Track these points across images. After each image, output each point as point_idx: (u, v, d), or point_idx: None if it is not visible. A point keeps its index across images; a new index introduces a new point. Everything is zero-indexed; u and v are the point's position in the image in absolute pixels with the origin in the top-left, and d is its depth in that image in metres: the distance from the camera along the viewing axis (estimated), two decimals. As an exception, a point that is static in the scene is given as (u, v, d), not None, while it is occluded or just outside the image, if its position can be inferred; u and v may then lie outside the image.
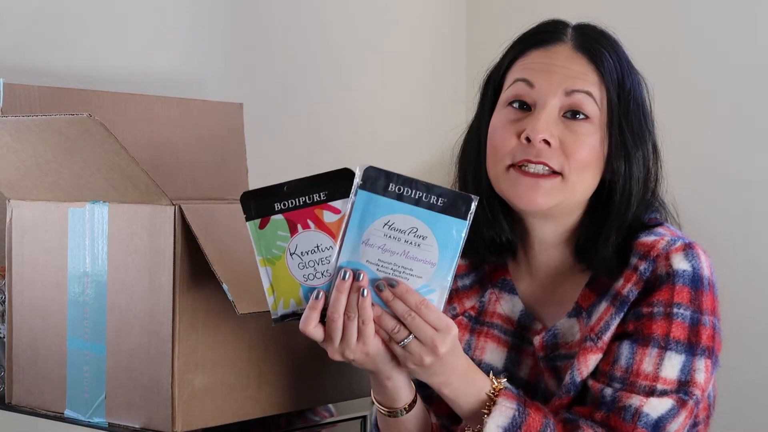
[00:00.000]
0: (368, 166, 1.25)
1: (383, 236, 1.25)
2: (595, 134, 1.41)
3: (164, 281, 1.49)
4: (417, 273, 1.25)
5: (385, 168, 1.25)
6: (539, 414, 1.34)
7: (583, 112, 1.41)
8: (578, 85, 1.41)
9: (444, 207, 1.25)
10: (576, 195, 1.42)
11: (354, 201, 1.25)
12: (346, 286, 1.25)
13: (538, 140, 1.38)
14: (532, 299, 1.50)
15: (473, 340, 1.50)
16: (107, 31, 2.13)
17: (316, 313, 1.27)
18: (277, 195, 1.26)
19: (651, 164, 1.45)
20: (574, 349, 1.41)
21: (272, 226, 1.27)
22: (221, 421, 1.54)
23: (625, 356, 1.37)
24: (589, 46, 1.43)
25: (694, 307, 1.37)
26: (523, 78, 1.43)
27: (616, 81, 1.42)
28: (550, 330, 1.44)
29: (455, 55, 2.92)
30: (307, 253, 1.26)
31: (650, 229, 1.43)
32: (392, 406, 1.39)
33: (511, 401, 1.33)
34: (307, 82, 2.52)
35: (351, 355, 1.28)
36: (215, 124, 1.89)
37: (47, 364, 1.64)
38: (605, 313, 1.40)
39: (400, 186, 1.25)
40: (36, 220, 1.65)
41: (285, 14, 2.47)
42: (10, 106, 1.65)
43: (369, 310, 1.26)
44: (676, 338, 1.36)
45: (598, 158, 1.42)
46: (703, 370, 1.36)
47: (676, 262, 1.37)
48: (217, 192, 1.84)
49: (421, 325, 1.26)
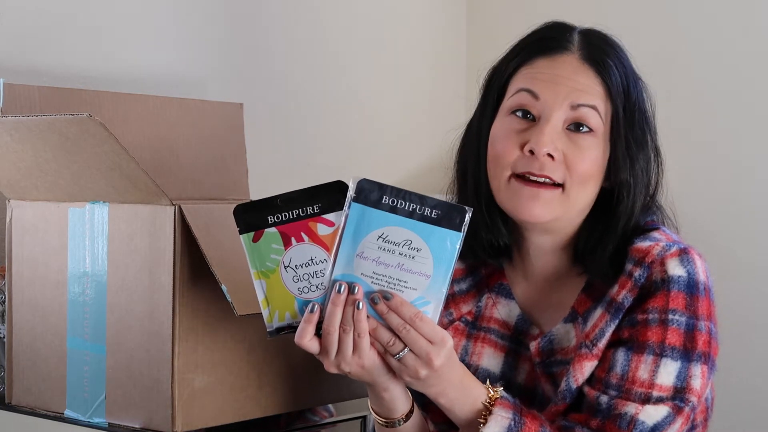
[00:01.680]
0: (361, 178, 1.24)
1: (377, 249, 1.24)
2: (597, 147, 1.40)
3: (164, 281, 1.49)
4: (412, 285, 1.25)
5: (386, 167, 1.25)
6: (535, 423, 1.33)
7: (588, 125, 1.39)
8: (584, 99, 1.39)
9: (438, 219, 1.24)
10: (576, 208, 1.41)
11: (348, 214, 1.24)
12: (341, 300, 1.25)
13: (542, 154, 1.37)
14: (529, 304, 1.49)
15: (470, 345, 1.49)
16: (107, 31, 2.13)
17: (311, 326, 1.27)
18: (270, 208, 1.26)
19: (652, 169, 1.44)
20: (570, 354, 1.41)
21: (266, 239, 1.26)
22: (221, 421, 1.54)
23: (621, 363, 1.36)
24: (596, 57, 1.41)
25: (689, 313, 1.35)
26: (527, 89, 1.41)
27: (623, 94, 1.41)
28: (546, 336, 1.44)
29: (455, 55, 2.92)
30: (301, 266, 1.26)
31: (646, 233, 1.42)
32: (389, 417, 1.39)
33: (507, 410, 1.32)
34: (307, 82, 2.52)
35: (347, 367, 1.28)
36: (215, 124, 1.88)
37: (47, 364, 1.64)
38: (600, 320, 1.39)
39: (393, 198, 1.24)
40: (36, 220, 1.65)
41: (285, 14, 2.47)
42: (10, 106, 1.65)
43: (365, 323, 1.26)
44: (671, 345, 1.35)
45: (600, 170, 1.41)
46: (700, 376, 1.35)
47: (671, 267, 1.36)
48: (217, 192, 1.84)
49: (416, 338, 1.26)
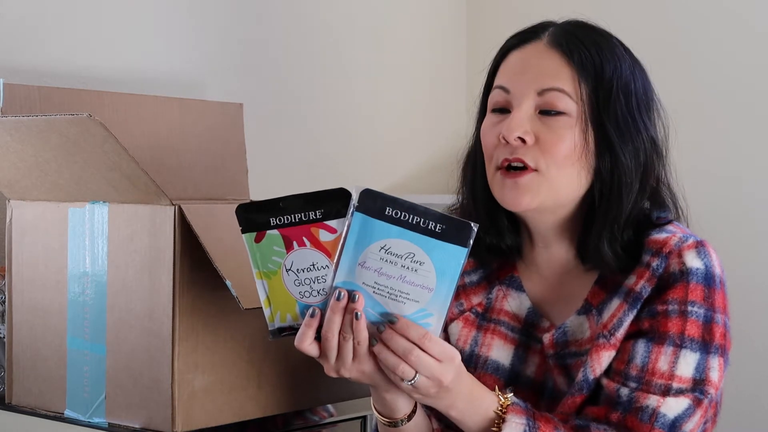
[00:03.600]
0: (365, 188, 1.24)
1: (380, 260, 1.24)
2: (573, 128, 1.39)
3: (164, 281, 1.49)
4: (414, 297, 1.25)
5: (386, 167, 1.25)
6: (549, 425, 1.33)
7: (556, 109, 1.40)
8: (548, 83, 1.40)
9: (442, 233, 1.23)
10: (560, 191, 1.41)
11: (350, 222, 1.24)
12: (340, 307, 1.25)
13: (512, 139, 1.39)
14: (540, 297, 1.49)
15: (480, 337, 1.50)
16: (107, 31, 2.13)
17: (311, 330, 1.27)
18: (272, 210, 1.26)
19: (648, 157, 1.43)
20: (585, 346, 1.41)
21: (268, 240, 1.26)
22: (221, 421, 1.54)
23: (641, 355, 1.37)
24: (563, 40, 1.42)
25: (707, 305, 1.37)
26: (500, 85, 1.44)
27: (593, 72, 1.40)
28: (560, 328, 1.44)
29: (455, 55, 2.92)
30: (303, 270, 1.26)
31: (660, 227, 1.42)
32: (392, 417, 1.39)
33: (521, 416, 1.32)
34: (307, 83, 2.52)
35: (347, 373, 1.28)
36: (215, 124, 1.88)
37: (47, 364, 1.64)
38: (618, 310, 1.40)
39: (397, 210, 1.24)
40: (36, 220, 1.65)
41: (285, 14, 2.47)
42: (10, 106, 1.65)
43: (364, 332, 1.25)
44: (690, 336, 1.36)
45: (581, 152, 1.40)
46: (717, 368, 1.36)
47: (689, 259, 1.37)
48: (217, 192, 1.84)
49: (425, 360, 1.26)
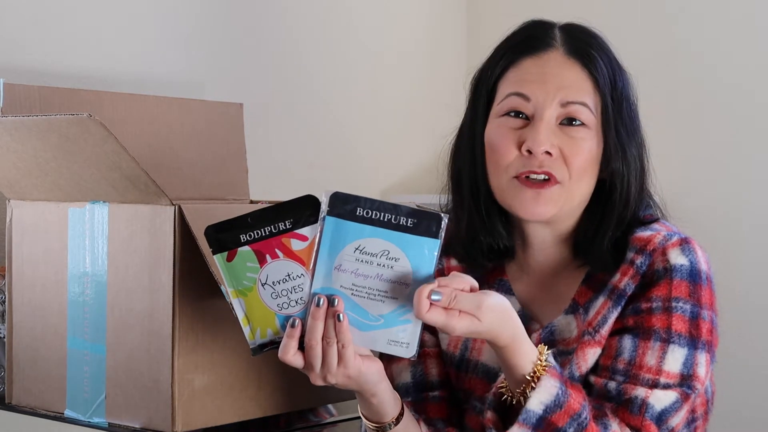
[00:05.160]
0: (334, 191, 1.24)
1: (355, 261, 1.24)
2: (591, 139, 1.42)
3: (164, 281, 1.49)
4: (392, 295, 1.25)
5: (385, 167, 1.25)
6: (579, 396, 1.33)
7: (579, 119, 1.42)
8: (573, 96, 1.42)
9: (414, 227, 1.24)
10: (575, 200, 1.43)
11: (322, 227, 1.24)
12: (321, 313, 1.25)
13: (540, 152, 1.40)
14: (529, 299, 1.50)
15: (470, 341, 1.50)
16: (107, 31, 2.13)
17: (294, 341, 1.27)
18: (241, 226, 1.26)
19: (643, 157, 1.47)
20: (572, 345, 1.42)
21: (240, 257, 1.27)
22: (221, 421, 1.54)
23: (628, 349, 1.37)
24: (581, 50, 1.44)
25: (693, 300, 1.37)
26: (517, 92, 1.43)
27: (610, 85, 1.43)
28: (548, 327, 1.45)
29: (455, 55, 2.92)
30: (278, 282, 1.26)
31: (646, 224, 1.44)
32: (380, 421, 1.38)
33: (555, 380, 1.32)
34: (306, 82, 2.52)
35: (333, 379, 1.29)
36: (215, 124, 1.88)
37: (47, 364, 1.64)
38: (602, 307, 1.41)
39: (367, 210, 1.24)
40: (36, 220, 1.65)
41: (284, 14, 2.47)
42: (10, 106, 1.65)
43: (347, 334, 1.26)
44: (678, 331, 1.36)
45: (595, 161, 1.43)
46: (704, 364, 1.37)
47: (673, 257, 1.38)
48: (217, 192, 1.84)
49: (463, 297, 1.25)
